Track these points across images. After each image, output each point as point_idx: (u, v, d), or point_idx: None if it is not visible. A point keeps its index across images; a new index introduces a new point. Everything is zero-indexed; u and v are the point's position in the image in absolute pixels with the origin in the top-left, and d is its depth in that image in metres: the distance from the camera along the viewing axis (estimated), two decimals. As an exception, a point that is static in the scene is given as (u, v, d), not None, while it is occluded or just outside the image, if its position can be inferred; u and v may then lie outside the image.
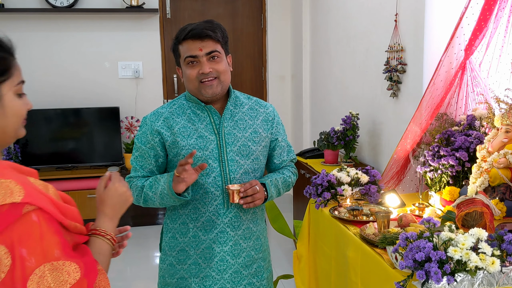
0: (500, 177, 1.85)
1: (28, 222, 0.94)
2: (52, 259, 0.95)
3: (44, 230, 0.96)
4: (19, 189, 0.95)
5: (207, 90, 1.72)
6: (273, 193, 1.80)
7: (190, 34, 1.69)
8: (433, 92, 2.24)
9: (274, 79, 5.46)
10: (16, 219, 0.93)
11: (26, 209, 0.94)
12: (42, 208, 0.96)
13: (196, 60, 1.70)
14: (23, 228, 0.94)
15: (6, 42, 1.07)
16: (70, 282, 0.96)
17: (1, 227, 0.92)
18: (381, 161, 3.33)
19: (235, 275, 1.78)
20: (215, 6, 5.29)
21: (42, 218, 0.96)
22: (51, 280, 0.95)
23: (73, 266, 0.98)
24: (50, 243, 0.96)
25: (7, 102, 1.03)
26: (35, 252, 0.94)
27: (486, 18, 2.11)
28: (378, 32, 3.25)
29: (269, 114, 1.86)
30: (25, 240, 0.93)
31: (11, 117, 1.05)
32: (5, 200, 0.93)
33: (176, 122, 1.75)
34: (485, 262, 1.29)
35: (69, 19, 4.86)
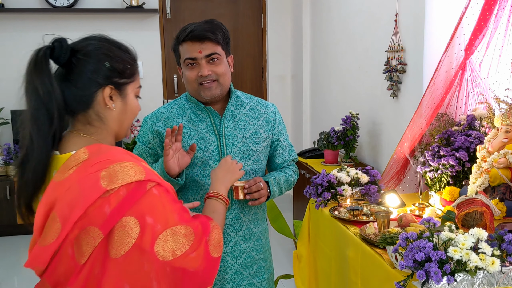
0: (500, 177, 1.85)
1: (151, 195, 1.12)
2: (172, 225, 1.12)
3: (164, 201, 1.14)
4: (140, 169, 1.12)
5: (206, 92, 1.71)
6: (276, 191, 1.80)
7: (190, 36, 1.67)
8: (433, 92, 2.24)
9: (274, 79, 5.46)
10: (143, 194, 1.10)
11: (149, 185, 1.12)
12: (159, 183, 1.15)
13: (195, 62, 1.69)
14: (148, 201, 1.11)
15: (133, 52, 1.26)
16: (187, 244, 1.14)
17: (131, 202, 1.09)
18: (381, 161, 3.32)
19: (235, 275, 1.78)
20: (215, 6, 5.29)
21: (161, 191, 1.14)
22: (172, 243, 1.12)
23: (188, 229, 1.15)
24: (170, 211, 1.14)
25: (129, 101, 1.23)
26: (160, 219, 1.11)
27: (486, 18, 2.11)
28: (378, 32, 3.25)
29: (270, 114, 1.85)
30: (151, 210, 1.10)
31: (129, 114, 1.25)
32: (132, 178, 1.09)
33: (177, 123, 1.74)
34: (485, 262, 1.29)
35: (69, 19, 4.86)
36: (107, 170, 1.09)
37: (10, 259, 4.10)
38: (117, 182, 1.08)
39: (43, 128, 1.11)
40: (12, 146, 4.67)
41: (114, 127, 1.22)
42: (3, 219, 4.58)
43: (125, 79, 1.21)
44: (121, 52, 1.21)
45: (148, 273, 1.09)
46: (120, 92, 1.20)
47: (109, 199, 1.07)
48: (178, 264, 1.12)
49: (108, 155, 1.13)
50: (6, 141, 4.85)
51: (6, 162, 4.61)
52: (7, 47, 4.81)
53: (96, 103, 1.17)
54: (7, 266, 3.94)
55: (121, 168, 1.10)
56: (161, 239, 1.10)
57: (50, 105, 1.11)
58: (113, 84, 1.18)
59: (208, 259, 1.18)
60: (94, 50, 1.17)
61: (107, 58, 1.17)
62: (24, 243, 4.47)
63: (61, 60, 1.16)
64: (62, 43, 1.17)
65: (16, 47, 4.82)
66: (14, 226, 4.62)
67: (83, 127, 1.19)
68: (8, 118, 4.76)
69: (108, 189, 1.07)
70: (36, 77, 1.12)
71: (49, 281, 1.13)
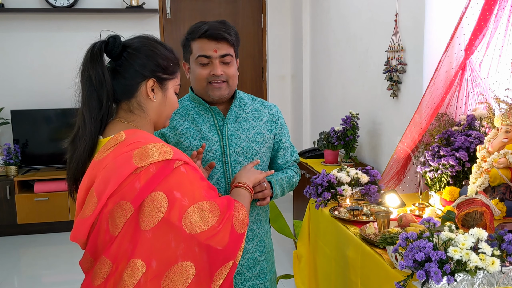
0: (500, 177, 1.85)
1: (179, 173, 1.22)
2: (199, 200, 1.22)
3: (191, 178, 1.24)
4: (169, 150, 1.23)
5: (215, 92, 1.71)
6: (278, 192, 1.80)
7: (207, 34, 1.66)
8: (433, 92, 2.24)
9: (274, 79, 5.46)
10: (170, 172, 1.21)
11: (176, 164, 1.22)
12: (187, 162, 1.26)
13: (208, 61, 1.69)
14: (176, 178, 1.21)
15: (177, 53, 1.40)
16: (213, 218, 1.23)
17: (159, 178, 1.19)
18: (381, 161, 3.33)
19: (238, 276, 1.78)
20: (215, 6, 5.29)
21: (188, 169, 1.25)
22: (199, 217, 1.21)
23: (214, 204, 1.24)
24: (197, 187, 1.24)
25: (169, 94, 1.37)
26: (188, 194, 1.21)
27: (486, 18, 2.11)
28: (378, 32, 3.25)
29: (273, 115, 1.86)
30: (179, 186, 1.21)
31: (168, 106, 1.38)
32: (160, 157, 1.20)
33: (180, 123, 1.74)
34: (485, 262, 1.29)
35: (69, 19, 4.86)
36: (139, 150, 1.21)
37: (10, 259, 4.10)
38: (147, 160, 1.19)
39: (94, 111, 1.27)
40: (12, 146, 4.67)
41: (153, 116, 1.35)
42: (3, 219, 4.58)
43: (167, 75, 1.35)
44: (166, 51, 1.35)
45: (175, 249, 1.19)
46: (161, 86, 1.34)
47: (140, 175, 1.18)
48: (205, 239, 1.21)
49: (142, 137, 1.25)
50: (6, 141, 4.85)
51: (6, 162, 4.61)
52: (7, 47, 4.81)
53: (139, 93, 1.31)
54: (7, 266, 3.94)
55: (152, 148, 1.21)
56: (188, 213, 1.19)
57: (101, 91, 1.26)
58: (156, 78, 1.32)
59: (233, 234, 1.26)
60: (142, 46, 1.32)
61: (153, 55, 1.31)
62: (24, 243, 4.48)
63: (113, 54, 1.30)
64: (116, 39, 1.31)
65: (16, 47, 4.82)
66: (14, 226, 4.62)
67: (125, 114, 1.33)
68: (8, 118, 4.76)
69: (138, 166, 1.18)
70: (91, 67, 1.26)
71: (90, 253, 1.25)
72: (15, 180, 4.55)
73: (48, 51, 4.84)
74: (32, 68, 4.85)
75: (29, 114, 4.72)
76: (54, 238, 4.57)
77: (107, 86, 1.27)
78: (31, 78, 4.87)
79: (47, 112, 4.74)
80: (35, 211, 4.59)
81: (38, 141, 4.74)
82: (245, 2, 5.35)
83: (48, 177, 4.59)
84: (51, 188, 4.60)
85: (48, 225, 4.68)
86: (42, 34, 4.84)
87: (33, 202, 4.58)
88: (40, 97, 4.82)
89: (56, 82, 4.86)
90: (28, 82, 4.87)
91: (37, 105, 4.80)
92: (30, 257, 4.17)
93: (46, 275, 3.85)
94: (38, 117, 4.73)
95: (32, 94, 4.85)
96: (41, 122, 4.74)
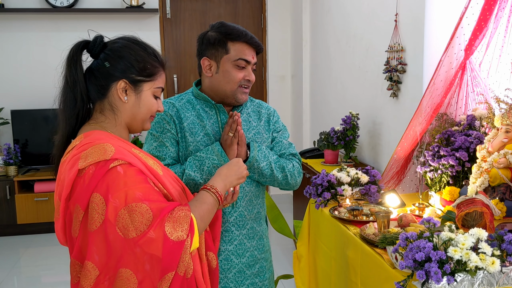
0: (500, 177, 1.85)
1: (115, 173, 1.18)
2: (130, 202, 1.16)
3: (127, 179, 1.19)
4: (112, 149, 1.21)
5: (243, 96, 1.76)
6: (260, 158, 1.74)
7: (250, 40, 1.72)
8: (433, 92, 2.24)
9: (274, 79, 5.46)
10: (105, 172, 1.18)
11: (113, 164, 1.19)
12: (130, 162, 1.22)
13: (246, 66, 1.73)
14: (111, 178, 1.18)
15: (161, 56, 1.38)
16: (145, 223, 1.16)
17: (97, 179, 1.17)
18: (381, 161, 3.33)
19: (238, 274, 1.79)
20: (215, 6, 5.29)
21: (128, 169, 1.20)
22: (129, 220, 1.16)
23: (145, 207, 1.17)
24: (132, 189, 1.18)
25: (143, 97, 1.33)
26: (119, 196, 1.16)
27: (486, 18, 2.11)
28: (378, 32, 3.25)
29: (270, 115, 1.88)
30: (112, 187, 1.17)
31: (143, 109, 1.34)
32: (99, 158, 1.19)
33: (186, 117, 1.75)
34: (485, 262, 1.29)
35: (69, 19, 4.86)
36: (85, 151, 1.21)
37: (10, 259, 4.10)
38: (87, 161, 1.19)
39: (69, 108, 1.30)
40: (12, 146, 4.67)
41: (126, 118, 1.33)
42: (3, 219, 4.58)
43: (143, 77, 1.32)
44: (145, 53, 1.33)
45: (115, 254, 1.16)
46: (135, 88, 1.32)
47: (84, 177, 1.19)
48: (140, 245, 1.15)
49: (95, 138, 1.25)
50: (6, 141, 4.85)
51: (6, 162, 4.61)
52: (7, 47, 4.81)
53: (111, 94, 1.31)
54: (7, 266, 3.94)
55: (96, 149, 1.20)
56: (120, 216, 1.15)
57: (76, 91, 1.29)
58: (128, 79, 1.30)
59: (168, 242, 1.16)
60: (118, 47, 1.32)
61: (127, 56, 1.30)
62: (24, 243, 4.48)
63: (93, 53, 1.33)
64: (97, 38, 1.33)
65: (16, 47, 4.82)
66: (14, 226, 4.62)
67: (97, 115, 1.33)
68: (8, 118, 4.76)
69: (80, 168, 1.19)
70: (67, 67, 1.31)
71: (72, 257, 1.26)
72: (15, 180, 4.55)
73: (48, 51, 4.84)
74: (32, 68, 4.85)
75: (29, 114, 4.72)
76: (54, 238, 4.57)
77: (81, 86, 1.29)
78: (31, 78, 4.87)
79: (47, 112, 4.73)
80: (35, 211, 4.59)
81: (38, 141, 4.74)
82: (245, 2, 5.35)
83: (48, 177, 4.59)
84: (51, 188, 4.60)
85: (48, 225, 4.68)
86: (42, 34, 4.84)
87: (33, 202, 4.58)
88: (40, 97, 4.82)
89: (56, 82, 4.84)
90: (28, 82, 4.87)
91: (37, 105, 4.80)
92: (30, 257, 4.17)
93: (46, 275, 3.85)
94: (38, 117, 4.72)
95: (32, 94, 4.85)
96: (41, 122, 4.74)
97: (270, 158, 1.77)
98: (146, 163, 1.28)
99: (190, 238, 1.21)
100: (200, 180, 1.69)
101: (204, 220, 1.30)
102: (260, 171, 1.75)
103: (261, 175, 1.77)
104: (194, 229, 1.22)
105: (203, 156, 1.69)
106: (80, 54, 1.32)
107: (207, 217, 1.32)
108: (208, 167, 1.68)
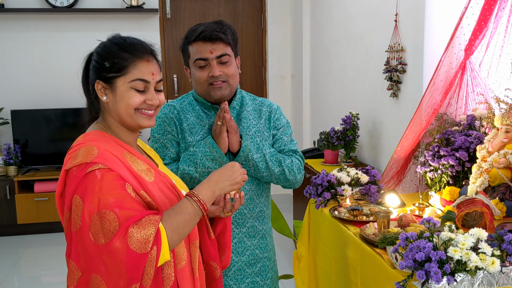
0: (500, 177, 1.85)
1: (92, 177, 1.17)
2: (102, 208, 1.14)
3: (103, 184, 1.16)
4: (95, 152, 1.20)
5: (216, 92, 1.72)
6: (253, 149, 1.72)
7: (201, 36, 1.68)
8: (433, 92, 2.24)
9: (274, 79, 5.46)
10: (83, 175, 1.17)
11: (92, 168, 1.18)
12: (110, 168, 1.19)
13: (206, 63, 1.70)
14: (88, 182, 1.17)
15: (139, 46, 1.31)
16: (112, 231, 1.13)
17: (76, 181, 1.18)
18: (381, 161, 3.32)
19: (238, 272, 1.79)
20: (215, 6, 5.29)
21: (105, 174, 1.17)
22: (100, 227, 1.14)
23: (112, 215, 1.13)
24: (105, 195, 1.15)
25: (119, 92, 1.27)
26: (93, 201, 1.15)
27: (486, 18, 2.11)
28: (378, 32, 3.25)
29: (271, 112, 1.86)
30: (87, 191, 1.16)
31: (121, 104, 1.28)
32: (82, 160, 1.19)
33: (186, 118, 1.77)
34: (485, 262, 1.29)
35: (69, 19, 4.86)
36: (76, 152, 1.22)
37: (10, 259, 4.10)
38: (73, 162, 1.20)
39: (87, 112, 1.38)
40: (12, 146, 4.67)
41: (114, 117, 1.32)
42: (3, 219, 4.58)
43: (114, 73, 1.27)
44: (116, 48, 1.29)
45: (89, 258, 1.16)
46: (110, 86, 1.29)
47: (69, 178, 1.21)
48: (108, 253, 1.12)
49: (88, 139, 1.26)
50: (6, 141, 4.85)
51: (6, 162, 4.61)
52: (7, 47, 4.81)
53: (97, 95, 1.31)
54: (7, 266, 3.94)
55: (82, 150, 1.21)
56: (92, 221, 1.14)
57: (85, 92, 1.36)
58: (101, 79, 1.28)
59: (130, 254, 1.11)
60: (96, 49, 1.32)
61: (99, 56, 1.29)
62: (24, 243, 4.48)
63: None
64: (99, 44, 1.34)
65: (16, 47, 4.82)
66: (14, 226, 4.62)
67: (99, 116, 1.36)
68: (8, 118, 4.75)
69: (67, 168, 1.21)
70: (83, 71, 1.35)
71: None
72: (15, 180, 4.55)
73: (48, 51, 4.84)
74: (32, 68, 4.85)
75: (29, 114, 4.72)
76: (54, 238, 4.57)
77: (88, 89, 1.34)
78: (31, 78, 4.87)
79: (47, 112, 4.73)
80: (35, 211, 4.59)
81: (38, 141, 4.74)
82: (245, 2, 5.35)
83: (48, 177, 4.59)
84: (51, 188, 4.60)
85: (48, 225, 4.67)
86: (42, 34, 4.83)
87: (33, 202, 4.58)
88: (40, 97, 4.82)
89: (56, 82, 4.85)
90: (28, 82, 4.87)
91: (37, 105, 4.80)
92: (30, 257, 4.17)
93: (46, 275, 3.85)
94: (38, 117, 4.72)
95: (32, 94, 4.85)
96: (41, 122, 4.74)
97: (265, 150, 1.75)
98: (132, 169, 1.23)
99: (156, 250, 1.12)
100: (195, 174, 1.70)
101: (178, 231, 1.19)
102: (255, 164, 1.73)
103: (256, 169, 1.74)
104: (160, 241, 1.13)
105: (196, 150, 1.71)
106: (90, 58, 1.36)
107: (182, 228, 1.20)
108: (202, 160, 1.69)
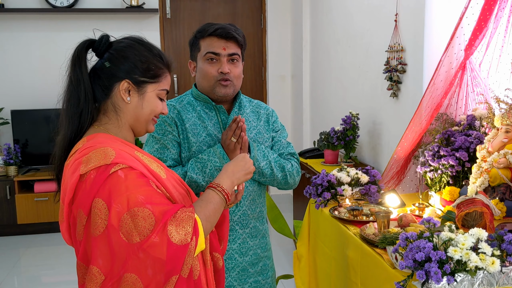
0: (500, 177, 1.85)
1: (116, 178, 1.16)
2: (132, 206, 1.14)
3: (128, 183, 1.16)
4: (112, 153, 1.19)
5: (221, 90, 1.73)
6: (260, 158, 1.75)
7: (218, 32, 1.70)
8: (433, 92, 2.24)
9: (274, 79, 5.46)
10: (107, 177, 1.16)
11: (114, 169, 1.17)
12: (131, 166, 1.19)
13: (216, 58, 1.71)
14: (113, 183, 1.16)
15: (166, 58, 1.35)
16: (148, 227, 1.13)
17: (98, 184, 1.16)
18: (381, 161, 3.32)
19: (242, 273, 1.80)
20: (215, 6, 5.29)
21: (129, 173, 1.18)
22: (133, 225, 1.14)
23: (147, 211, 1.14)
24: (134, 193, 1.15)
25: (147, 98, 1.31)
26: (121, 201, 1.14)
27: (486, 18, 2.11)
28: (378, 32, 3.25)
29: (269, 115, 1.89)
30: (113, 192, 1.15)
31: (146, 110, 1.31)
32: (100, 163, 1.17)
33: (188, 119, 1.76)
34: (485, 262, 1.29)
35: (69, 19, 4.86)
36: (87, 156, 1.19)
37: (10, 259, 4.10)
38: (88, 166, 1.18)
39: (72, 107, 1.28)
40: (12, 146, 4.67)
41: (129, 120, 1.31)
42: (3, 219, 4.58)
43: (147, 78, 1.29)
44: (150, 53, 1.31)
45: (120, 259, 1.14)
46: (138, 89, 1.29)
47: (85, 182, 1.17)
48: (144, 250, 1.13)
49: (97, 141, 1.23)
50: (6, 141, 4.85)
51: (6, 162, 4.61)
52: (7, 47, 4.81)
53: (114, 94, 1.29)
54: (7, 266, 3.94)
55: (97, 153, 1.19)
56: (123, 221, 1.14)
57: (79, 90, 1.28)
58: (132, 80, 1.28)
59: (172, 247, 1.14)
60: (123, 47, 1.30)
61: (132, 56, 1.29)
62: (24, 243, 4.48)
63: (98, 52, 1.31)
64: (103, 38, 1.31)
65: (16, 47, 4.82)
66: (14, 226, 4.62)
67: (101, 117, 1.31)
68: (8, 118, 4.76)
69: (82, 173, 1.18)
70: (71, 66, 1.31)
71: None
72: (15, 180, 4.55)
73: (48, 51, 4.84)
74: (32, 68, 4.85)
75: (29, 114, 4.72)
76: (54, 238, 4.57)
77: (85, 86, 1.28)
78: (31, 78, 4.87)
79: (47, 112, 4.73)
80: (35, 211, 4.59)
81: (38, 141, 4.74)
82: (245, 2, 5.35)
83: (48, 177, 4.59)
84: (51, 188, 4.60)
85: (48, 225, 4.68)
86: (42, 34, 4.83)
87: (33, 202, 4.58)
88: (40, 97, 4.82)
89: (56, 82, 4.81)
90: (28, 82, 4.87)
91: (37, 105, 4.80)
92: (30, 257, 4.17)
93: (46, 275, 3.85)
94: (38, 117, 4.72)
95: (32, 94, 4.85)
96: (41, 122, 4.74)
97: (270, 157, 1.79)
98: (148, 166, 1.26)
99: (195, 241, 1.18)
100: (202, 183, 1.70)
101: (210, 220, 1.26)
102: (261, 171, 1.76)
103: (261, 175, 1.77)
104: (198, 231, 1.19)
105: (205, 159, 1.69)
106: (85, 53, 1.31)
107: (213, 217, 1.28)
108: (210, 170, 1.69)
